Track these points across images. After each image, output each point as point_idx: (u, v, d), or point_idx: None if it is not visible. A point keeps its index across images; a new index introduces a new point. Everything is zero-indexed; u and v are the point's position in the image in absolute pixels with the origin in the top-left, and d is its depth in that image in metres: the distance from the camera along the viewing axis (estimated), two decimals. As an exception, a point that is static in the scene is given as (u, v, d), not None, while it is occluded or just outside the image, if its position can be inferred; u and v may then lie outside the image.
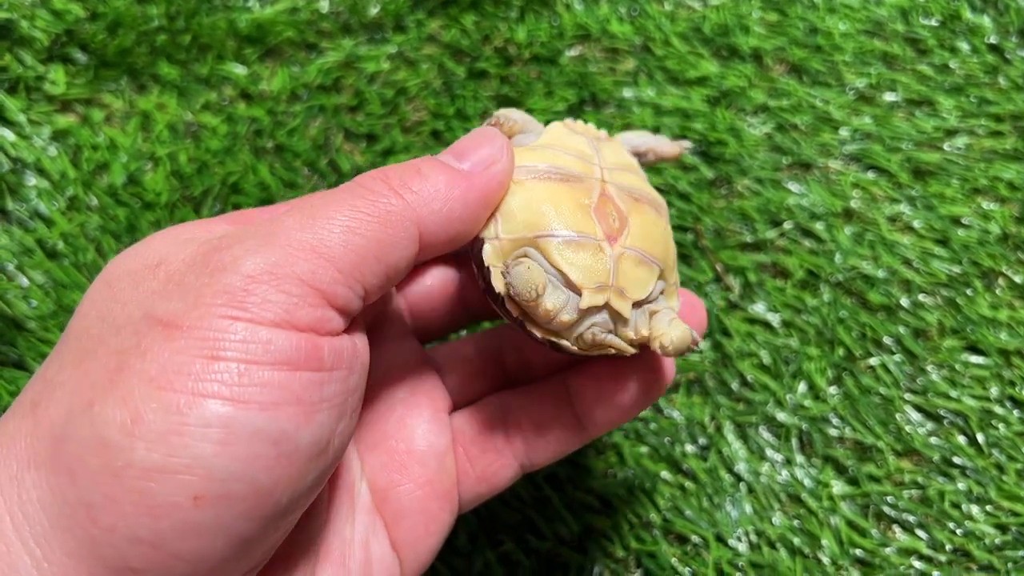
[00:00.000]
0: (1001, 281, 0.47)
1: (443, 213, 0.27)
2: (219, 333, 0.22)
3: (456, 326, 0.35)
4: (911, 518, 0.42)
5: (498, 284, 0.28)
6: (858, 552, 0.42)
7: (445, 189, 0.27)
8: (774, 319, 0.46)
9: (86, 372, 0.23)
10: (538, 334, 0.28)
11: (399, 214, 0.26)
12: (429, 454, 0.31)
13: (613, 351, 0.28)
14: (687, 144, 0.36)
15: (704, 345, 0.46)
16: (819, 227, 0.48)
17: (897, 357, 0.45)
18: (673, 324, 0.28)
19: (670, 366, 0.32)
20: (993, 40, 0.53)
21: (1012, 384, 0.45)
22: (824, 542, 0.42)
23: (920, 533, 0.42)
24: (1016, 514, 0.42)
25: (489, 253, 0.28)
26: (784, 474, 0.43)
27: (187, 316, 0.22)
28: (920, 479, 0.43)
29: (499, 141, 0.29)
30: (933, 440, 0.44)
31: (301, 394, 0.22)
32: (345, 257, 0.24)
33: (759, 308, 0.46)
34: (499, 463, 0.32)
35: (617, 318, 0.28)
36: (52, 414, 0.22)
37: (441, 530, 0.31)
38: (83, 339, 0.24)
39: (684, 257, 0.47)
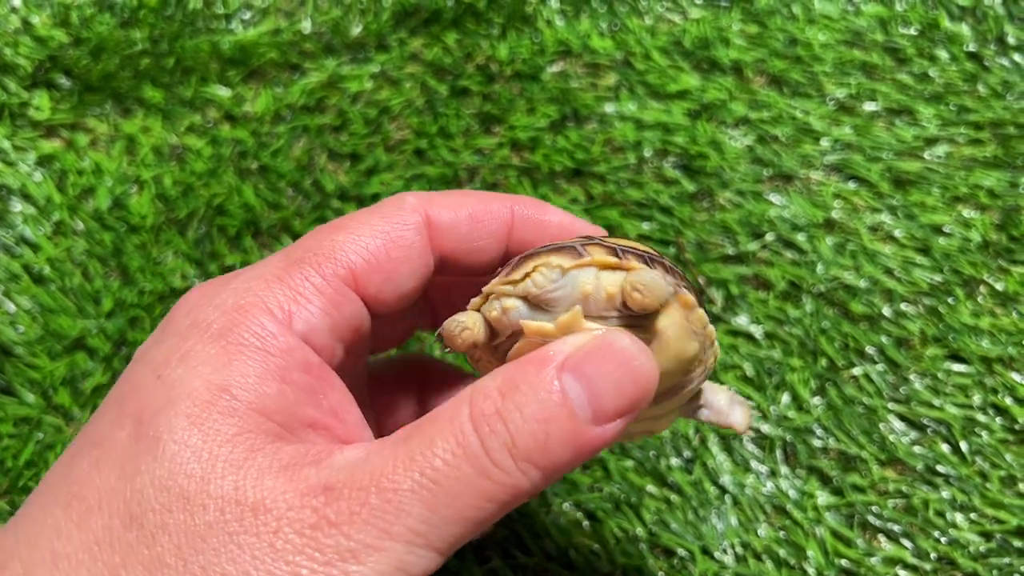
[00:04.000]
0: (982, 289, 0.47)
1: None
2: None
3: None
4: (896, 527, 0.43)
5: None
6: (843, 562, 0.42)
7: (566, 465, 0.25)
8: (757, 331, 0.46)
9: None
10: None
11: (514, 490, 0.25)
12: None
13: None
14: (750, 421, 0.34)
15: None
16: (801, 238, 0.48)
17: (880, 366, 0.46)
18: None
19: None
20: (972, 48, 0.53)
21: (994, 391, 0.45)
22: (810, 553, 0.42)
23: (905, 542, 0.42)
24: (1000, 521, 0.43)
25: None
26: (769, 485, 0.44)
27: None
28: (904, 488, 0.43)
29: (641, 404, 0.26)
30: (917, 449, 0.44)
31: None
32: (456, 542, 0.24)
33: (742, 320, 0.47)
34: None
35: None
36: None
37: None
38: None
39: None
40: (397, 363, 0.38)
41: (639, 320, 0.26)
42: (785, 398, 0.45)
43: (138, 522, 0.23)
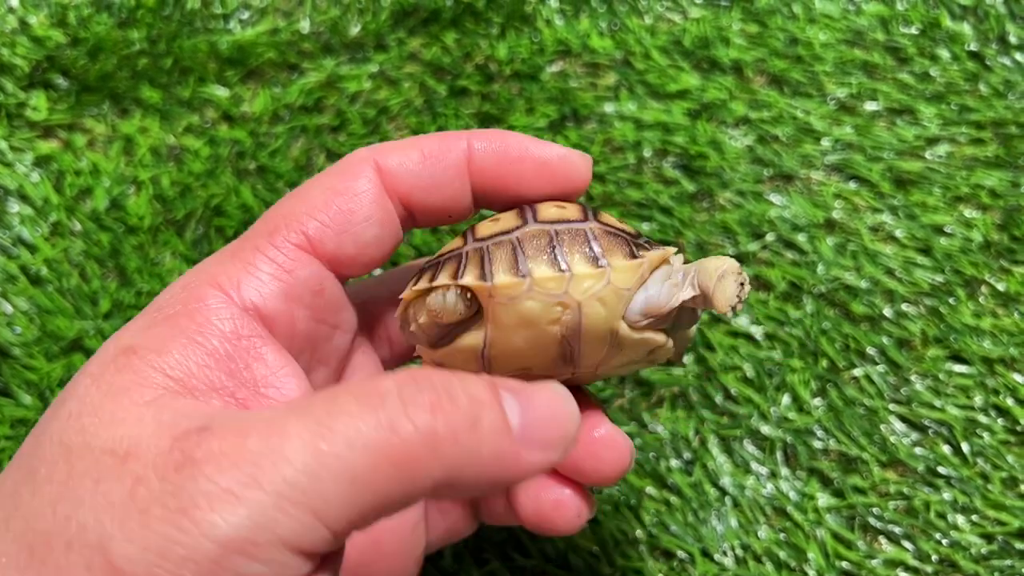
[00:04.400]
0: (984, 289, 0.47)
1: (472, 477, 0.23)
2: None
3: None
4: (897, 529, 0.42)
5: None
6: (844, 564, 0.42)
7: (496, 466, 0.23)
8: (757, 332, 0.46)
9: None
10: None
11: (425, 463, 0.21)
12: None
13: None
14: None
15: (688, 359, 0.46)
16: (801, 238, 0.48)
17: (881, 367, 0.45)
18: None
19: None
20: (973, 47, 0.53)
21: (996, 392, 0.45)
22: (810, 555, 0.42)
23: (906, 544, 0.42)
24: (1002, 523, 0.42)
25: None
26: (769, 487, 0.43)
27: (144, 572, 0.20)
28: (905, 490, 0.43)
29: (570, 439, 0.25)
30: (918, 450, 0.44)
31: None
32: (342, 514, 0.21)
33: (742, 321, 0.46)
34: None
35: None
36: None
37: None
38: (29, 523, 0.22)
39: (667, 271, 0.48)
40: (387, 280, 0.36)
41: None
42: (785, 399, 0.45)
43: (32, 475, 0.23)
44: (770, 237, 0.48)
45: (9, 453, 0.43)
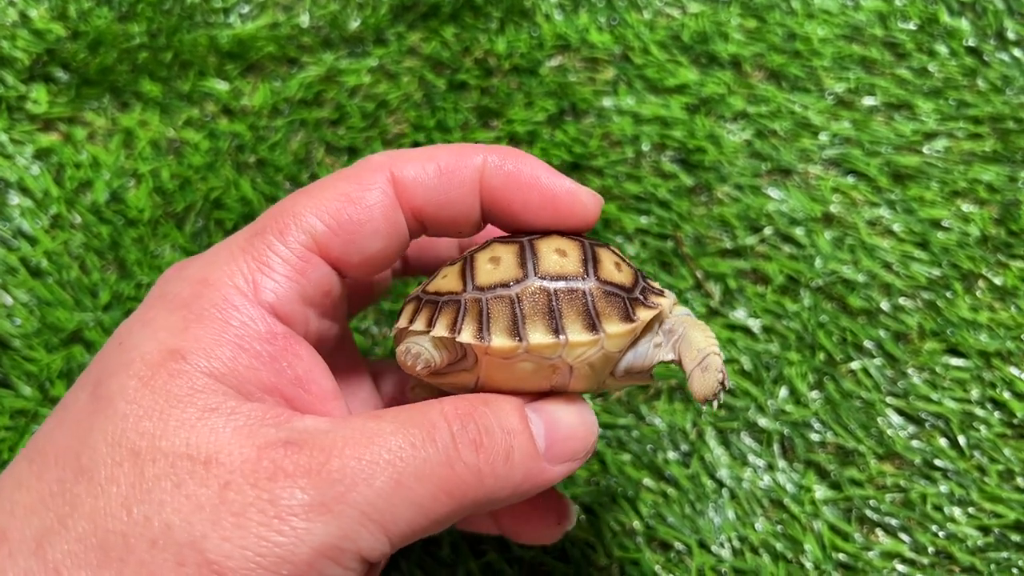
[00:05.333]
0: (981, 283, 0.47)
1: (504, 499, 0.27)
2: None
3: None
4: (893, 521, 0.43)
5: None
6: (841, 556, 0.42)
7: (522, 482, 0.28)
8: (755, 325, 0.46)
9: None
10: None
11: (471, 491, 0.26)
12: None
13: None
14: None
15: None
16: (799, 232, 0.48)
17: (878, 361, 0.45)
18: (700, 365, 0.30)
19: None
20: (971, 43, 0.53)
21: (993, 386, 0.45)
22: (807, 547, 0.42)
23: (903, 536, 0.42)
24: (998, 516, 0.42)
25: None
26: (766, 479, 0.43)
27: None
28: (902, 482, 0.43)
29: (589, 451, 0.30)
30: (915, 443, 0.44)
31: None
32: (403, 532, 0.25)
33: (740, 314, 0.46)
34: None
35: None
36: None
37: None
38: (97, 523, 0.23)
39: (664, 265, 0.48)
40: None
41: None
42: (783, 392, 0.45)
43: (88, 475, 0.24)
44: (768, 231, 0.48)
45: (9, 443, 0.43)
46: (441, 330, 0.28)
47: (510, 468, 0.27)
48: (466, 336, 0.28)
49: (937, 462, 0.44)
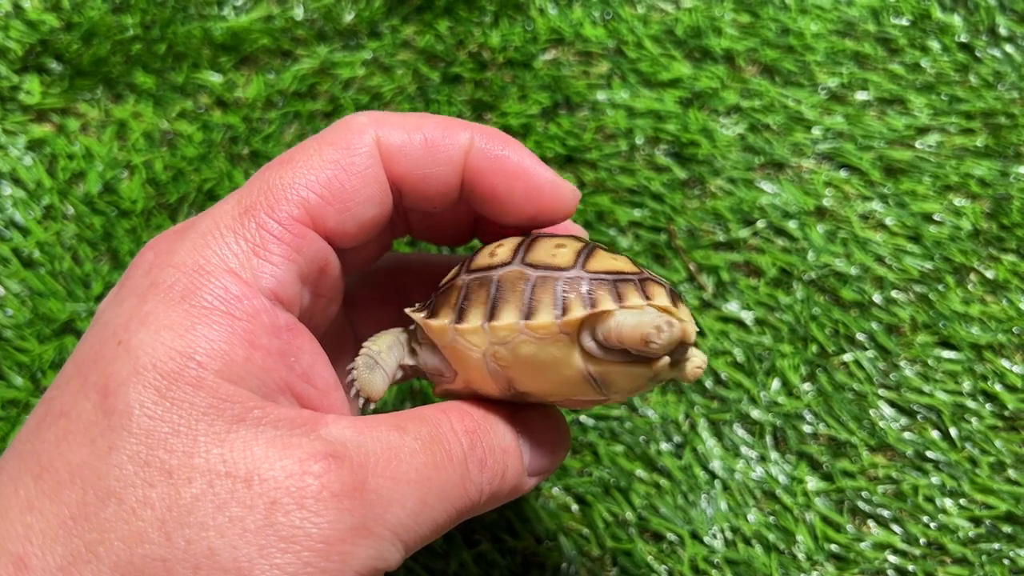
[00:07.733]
0: (973, 277, 0.47)
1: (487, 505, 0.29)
2: None
3: None
4: (885, 513, 0.43)
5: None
6: (833, 547, 0.42)
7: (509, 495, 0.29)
8: (747, 317, 0.46)
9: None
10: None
11: (475, 508, 0.28)
12: None
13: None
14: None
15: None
16: (792, 226, 0.48)
17: (870, 353, 0.46)
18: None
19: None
20: (963, 39, 0.53)
21: (984, 378, 0.45)
22: (799, 538, 0.42)
23: (895, 527, 0.42)
24: (989, 507, 0.43)
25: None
26: (759, 471, 0.44)
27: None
28: (894, 474, 0.43)
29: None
30: (907, 435, 0.44)
31: None
32: (418, 545, 0.26)
33: (732, 307, 0.47)
34: None
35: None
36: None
37: None
38: (131, 547, 0.23)
39: (658, 257, 0.48)
40: (372, 275, 0.36)
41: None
42: (775, 384, 0.45)
43: (116, 497, 0.22)
44: (761, 224, 0.48)
45: (1, 434, 0.43)
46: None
47: (502, 484, 0.28)
48: (418, 317, 0.30)
49: (929, 454, 0.44)
